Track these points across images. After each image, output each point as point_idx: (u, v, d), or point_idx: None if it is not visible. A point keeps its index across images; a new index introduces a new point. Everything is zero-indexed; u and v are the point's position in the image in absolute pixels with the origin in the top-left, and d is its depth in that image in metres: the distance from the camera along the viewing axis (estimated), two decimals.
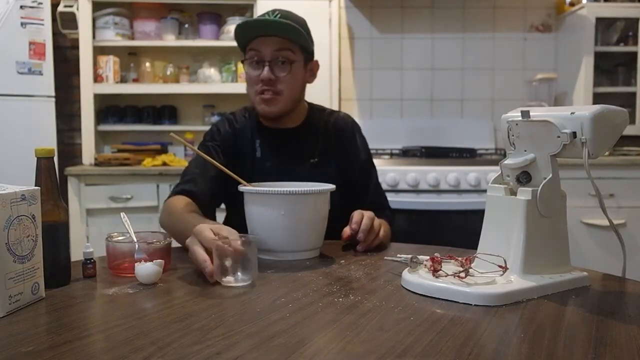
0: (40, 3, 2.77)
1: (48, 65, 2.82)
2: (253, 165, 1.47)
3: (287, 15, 1.42)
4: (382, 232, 1.31)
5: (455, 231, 2.63)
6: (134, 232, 1.10)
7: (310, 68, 1.50)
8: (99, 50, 3.10)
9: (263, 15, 1.44)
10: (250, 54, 1.43)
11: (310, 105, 1.58)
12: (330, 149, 1.52)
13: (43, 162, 0.94)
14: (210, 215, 1.38)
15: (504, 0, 3.43)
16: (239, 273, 0.99)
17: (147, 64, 3.18)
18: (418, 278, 0.94)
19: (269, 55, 1.40)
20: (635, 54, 3.19)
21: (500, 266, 0.91)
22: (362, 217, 1.28)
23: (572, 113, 0.91)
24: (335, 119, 1.57)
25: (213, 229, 1.02)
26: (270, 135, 1.51)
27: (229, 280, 0.99)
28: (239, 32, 1.43)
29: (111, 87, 3.08)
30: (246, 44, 1.45)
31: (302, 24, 1.44)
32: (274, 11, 1.42)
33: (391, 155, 2.95)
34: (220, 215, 1.55)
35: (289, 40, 1.40)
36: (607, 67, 3.31)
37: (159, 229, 1.31)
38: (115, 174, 2.84)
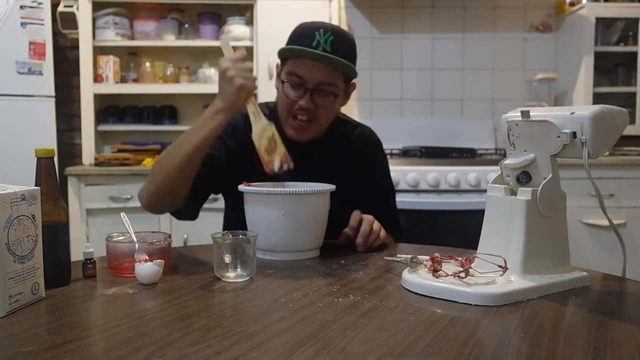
0: (40, 3, 2.77)
1: (48, 65, 2.81)
2: (259, 173, 1.28)
3: (339, 40, 1.30)
4: (382, 233, 1.31)
5: (455, 231, 2.63)
6: (134, 232, 1.10)
7: (347, 91, 1.41)
8: (99, 50, 3.10)
9: (314, 35, 1.29)
10: (291, 77, 1.33)
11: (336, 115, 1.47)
12: (348, 164, 1.46)
13: (43, 162, 0.94)
14: (194, 197, 1.34)
15: (504, 0, 3.43)
16: (238, 268, 1.00)
17: (147, 64, 3.18)
18: (418, 278, 0.94)
19: (312, 84, 1.31)
20: (635, 54, 3.19)
21: (500, 266, 0.91)
22: (360, 218, 1.27)
23: (572, 113, 0.91)
24: (358, 134, 1.52)
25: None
26: (287, 145, 1.32)
27: (228, 275, 1.00)
28: (285, 51, 1.34)
29: (111, 87, 3.08)
30: (287, 57, 1.34)
31: (351, 49, 1.35)
32: (325, 31, 1.29)
33: (391, 155, 2.95)
34: (220, 214, 1.55)
35: (335, 69, 1.31)
36: (607, 67, 3.30)
37: (159, 228, 1.31)
38: (115, 174, 2.83)
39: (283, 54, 1.35)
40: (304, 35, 1.31)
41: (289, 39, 1.36)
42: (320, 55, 1.28)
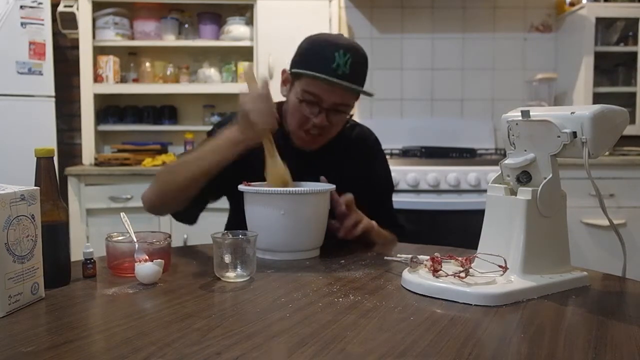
0: (40, 3, 2.77)
1: (48, 65, 2.82)
2: (259, 172, 1.28)
3: (357, 59, 1.33)
4: (365, 222, 1.30)
5: (455, 231, 2.62)
6: (134, 232, 1.10)
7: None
8: (99, 50, 3.10)
9: (333, 56, 1.29)
10: (307, 95, 1.32)
11: None
12: (347, 164, 1.46)
13: (43, 162, 0.94)
14: (195, 205, 1.37)
15: (504, 0, 3.44)
16: (238, 268, 1.00)
17: (147, 64, 3.18)
18: (418, 278, 0.94)
19: (328, 104, 1.33)
20: (635, 54, 3.19)
21: (500, 266, 0.91)
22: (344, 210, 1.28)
23: (572, 113, 0.91)
24: (356, 134, 1.53)
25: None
26: (291, 152, 1.35)
27: (228, 275, 1.00)
28: (306, 75, 1.32)
29: (111, 87, 3.08)
30: (303, 74, 1.33)
31: (366, 66, 1.39)
32: (345, 53, 1.30)
33: (391, 155, 2.95)
34: (223, 214, 1.55)
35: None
36: (607, 67, 3.30)
37: (159, 228, 1.31)
38: (115, 174, 2.84)
39: (301, 74, 1.32)
40: (323, 55, 1.30)
41: (305, 55, 1.34)
42: (344, 85, 1.29)
